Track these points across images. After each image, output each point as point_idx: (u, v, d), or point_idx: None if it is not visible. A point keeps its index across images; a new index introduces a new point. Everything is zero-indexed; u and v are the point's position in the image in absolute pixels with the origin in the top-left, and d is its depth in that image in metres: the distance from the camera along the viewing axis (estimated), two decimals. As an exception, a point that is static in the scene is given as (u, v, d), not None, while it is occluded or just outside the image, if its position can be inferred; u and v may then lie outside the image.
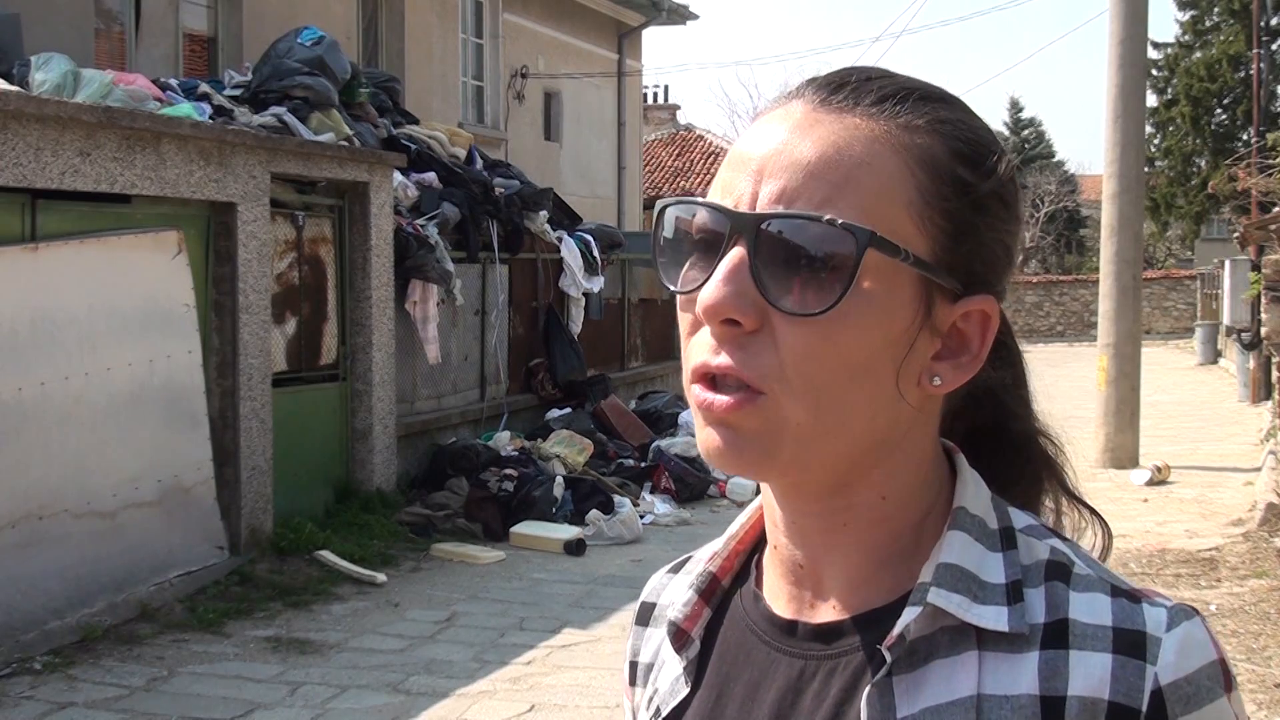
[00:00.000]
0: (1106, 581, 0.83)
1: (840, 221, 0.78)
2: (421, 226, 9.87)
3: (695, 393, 0.82)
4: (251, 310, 7.86)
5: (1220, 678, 0.79)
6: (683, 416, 12.21)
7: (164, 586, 7.02)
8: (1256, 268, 15.21)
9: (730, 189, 0.83)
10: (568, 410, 11.66)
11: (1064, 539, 0.88)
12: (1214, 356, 25.54)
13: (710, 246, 0.82)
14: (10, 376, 6.22)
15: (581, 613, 7.26)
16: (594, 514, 9.29)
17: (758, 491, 0.94)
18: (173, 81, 8.87)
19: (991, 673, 0.80)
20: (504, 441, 10.32)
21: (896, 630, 0.81)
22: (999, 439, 0.95)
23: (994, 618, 0.81)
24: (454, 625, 7.02)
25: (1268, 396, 15.25)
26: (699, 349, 0.83)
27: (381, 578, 7.80)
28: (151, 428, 7.10)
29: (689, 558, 1.04)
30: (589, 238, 12.82)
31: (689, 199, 0.85)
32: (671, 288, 0.85)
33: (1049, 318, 36.70)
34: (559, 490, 9.51)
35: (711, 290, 0.80)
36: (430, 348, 10.14)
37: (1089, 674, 0.78)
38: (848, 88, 0.85)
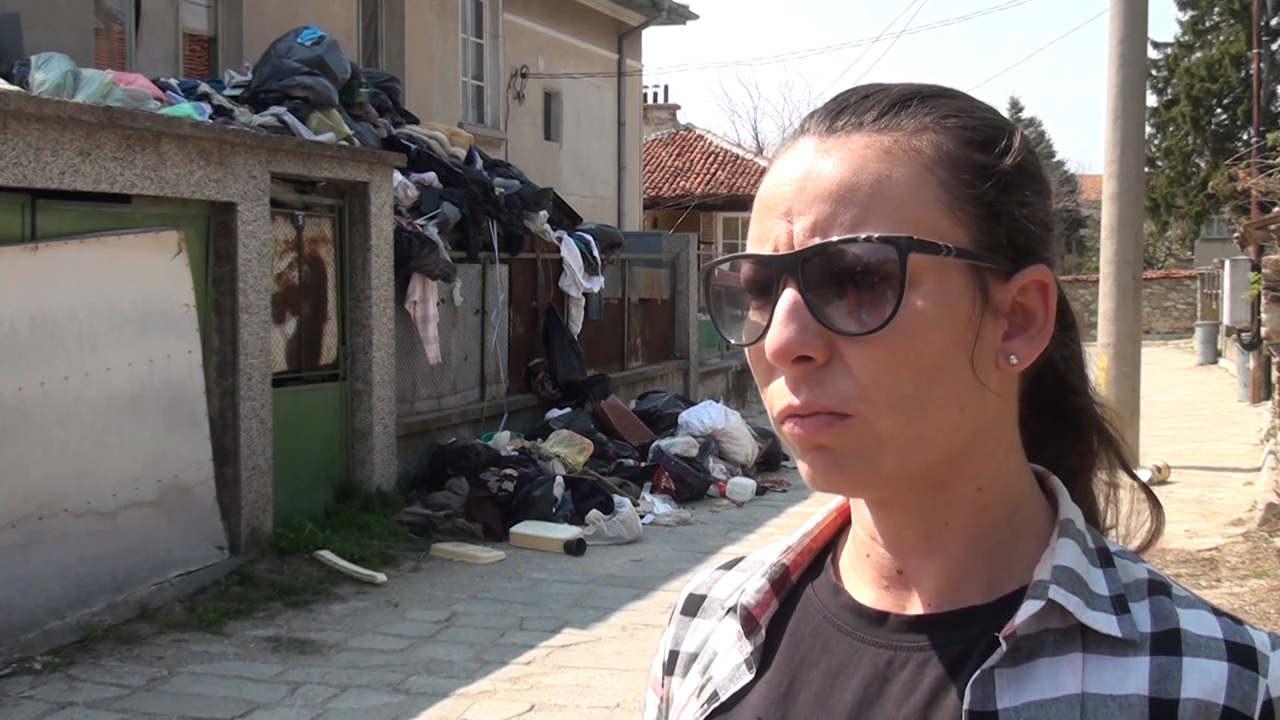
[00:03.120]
0: (1206, 602, 0.86)
1: (877, 236, 0.81)
2: (421, 226, 9.87)
3: (787, 428, 0.85)
4: (251, 310, 7.86)
5: None
6: (683, 416, 12.20)
7: (164, 586, 7.02)
8: (1256, 268, 15.22)
9: (765, 236, 0.86)
10: (568, 410, 11.66)
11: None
12: (1214, 356, 25.54)
13: (763, 293, 0.85)
14: (10, 376, 6.22)
15: (581, 613, 7.26)
16: (594, 514, 9.29)
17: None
18: (173, 81, 8.88)
19: (1096, 673, 0.82)
20: (504, 441, 10.32)
21: (1019, 619, 0.83)
22: (1057, 411, 0.96)
23: (1106, 623, 0.83)
24: (454, 625, 7.02)
25: (1268, 396, 15.26)
26: (779, 393, 0.85)
27: (381, 578, 7.80)
28: (151, 428, 7.10)
29: (742, 558, 1.05)
30: (589, 238, 12.82)
31: (731, 256, 0.88)
32: (735, 341, 0.89)
33: (1049, 318, 36.65)
34: (559, 490, 9.51)
35: (776, 334, 0.82)
36: (430, 348, 10.14)
37: (1205, 679, 0.80)
38: (848, 111, 0.87)
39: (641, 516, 9.62)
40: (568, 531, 8.89)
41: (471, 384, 10.97)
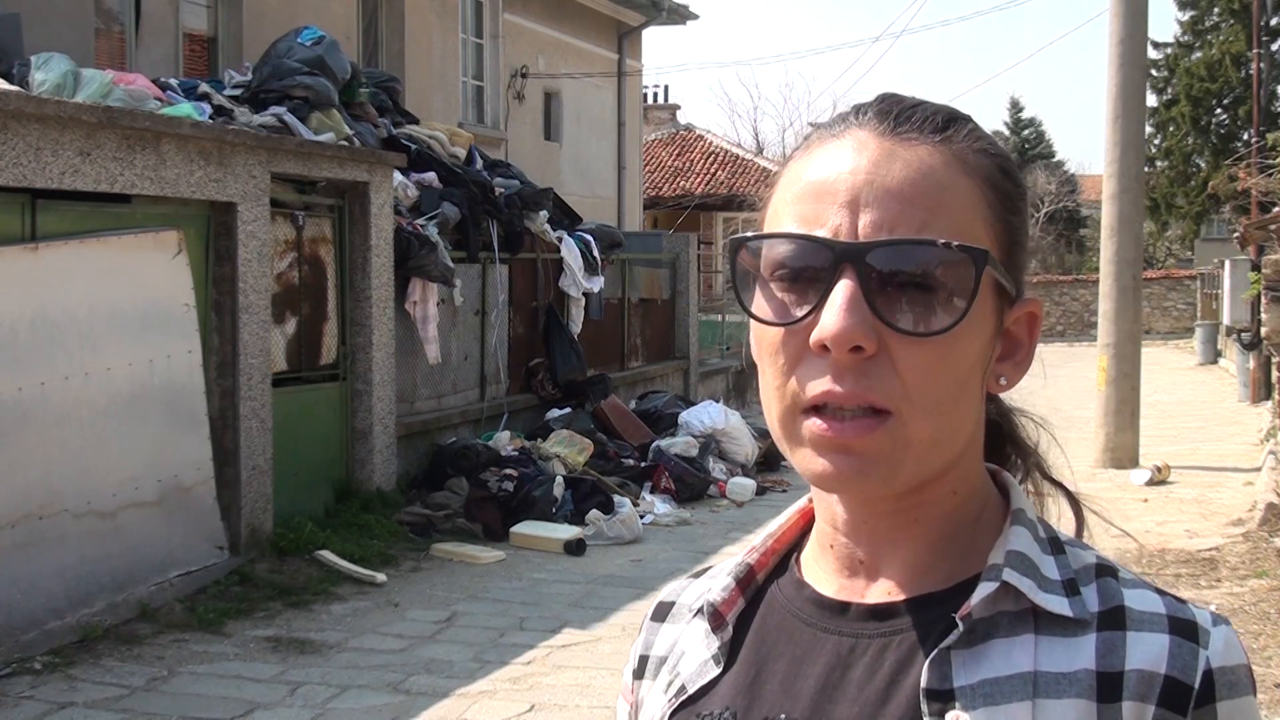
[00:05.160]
0: (1151, 583, 0.90)
1: (956, 244, 0.83)
2: (421, 226, 9.87)
3: (812, 424, 0.85)
4: (251, 310, 7.86)
5: (1251, 679, 0.86)
6: (682, 416, 12.19)
7: (164, 586, 7.02)
8: (1256, 268, 15.21)
9: (819, 220, 0.86)
10: (568, 410, 11.66)
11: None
12: (1214, 356, 25.53)
13: (807, 277, 0.85)
14: (10, 376, 6.22)
15: (581, 613, 7.26)
16: (594, 514, 9.29)
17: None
18: (173, 81, 8.87)
19: (1048, 653, 0.85)
20: (504, 441, 10.32)
21: (974, 600, 0.86)
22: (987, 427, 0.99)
23: (1057, 604, 0.86)
24: (454, 625, 7.02)
25: (1268, 396, 15.26)
26: (813, 379, 0.84)
27: (381, 578, 7.80)
28: (151, 428, 7.10)
29: (710, 567, 1.07)
30: (589, 238, 12.82)
31: (778, 234, 0.87)
32: (769, 321, 0.87)
33: (1049, 318, 36.66)
34: (559, 490, 9.51)
35: (836, 319, 0.82)
36: (430, 348, 10.14)
37: (1147, 651, 0.84)
38: (907, 117, 0.89)
39: (641, 516, 9.62)
40: (568, 531, 8.89)
41: (471, 384, 10.97)
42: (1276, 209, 13.08)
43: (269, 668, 6.18)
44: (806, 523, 1.00)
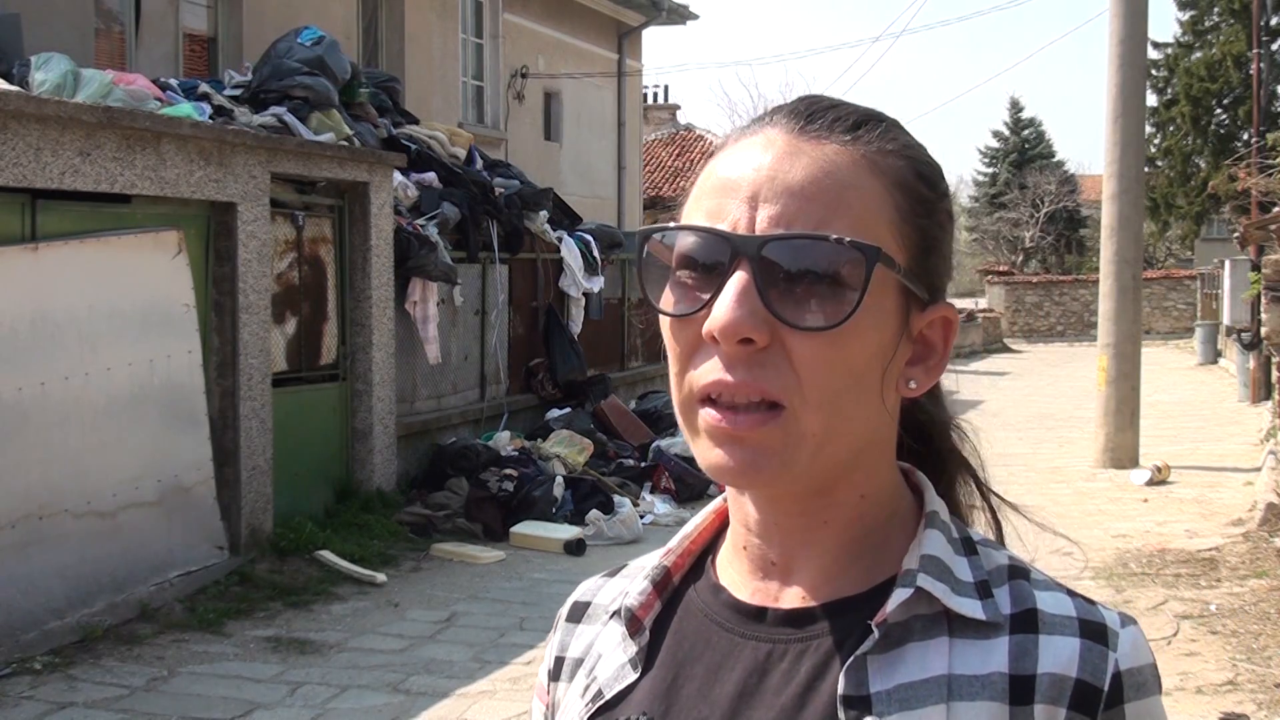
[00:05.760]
0: (1063, 585, 0.91)
1: (849, 240, 0.84)
2: (421, 226, 9.87)
3: (706, 414, 0.86)
4: (251, 310, 7.85)
5: (1157, 678, 0.88)
6: (683, 416, 12.19)
7: (164, 586, 7.02)
8: (1256, 268, 15.21)
9: (721, 214, 0.87)
10: (568, 410, 11.66)
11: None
12: (1214, 356, 25.53)
13: (705, 269, 0.86)
14: (10, 376, 6.22)
15: (581, 613, 7.25)
16: (594, 514, 9.29)
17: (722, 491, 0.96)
18: (173, 81, 8.87)
19: (962, 655, 0.86)
20: (504, 441, 10.32)
21: (889, 607, 0.86)
22: (912, 433, 1.00)
23: (970, 607, 0.87)
24: (454, 625, 7.02)
25: (1268, 396, 15.25)
26: (706, 369, 0.86)
27: (381, 578, 7.80)
28: (151, 428, 7.10)
29: (625, 565, 1.07)
30: (589, 238, 12.82)
31: (680, 225, 0.89)
32: (667, 312, 0.88)
33: (1049, 318, 36.70)
34: (559, 490, 9.51)
35: (726, 310, 0.83)
36: (430, 348, 10.14)
37: (1058, 654, 0.85)
38: (819, 117, 0.90)
39: (641, 516, 9.61)
40: (568, 531, 8.89)
41: (471, 384, 10.97)
42: (1276, 209, 13.08)
43: (269, 668, 6.18)
44: (721, 523, 1.01)
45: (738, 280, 0.84)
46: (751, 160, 0.88)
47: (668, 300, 0.89)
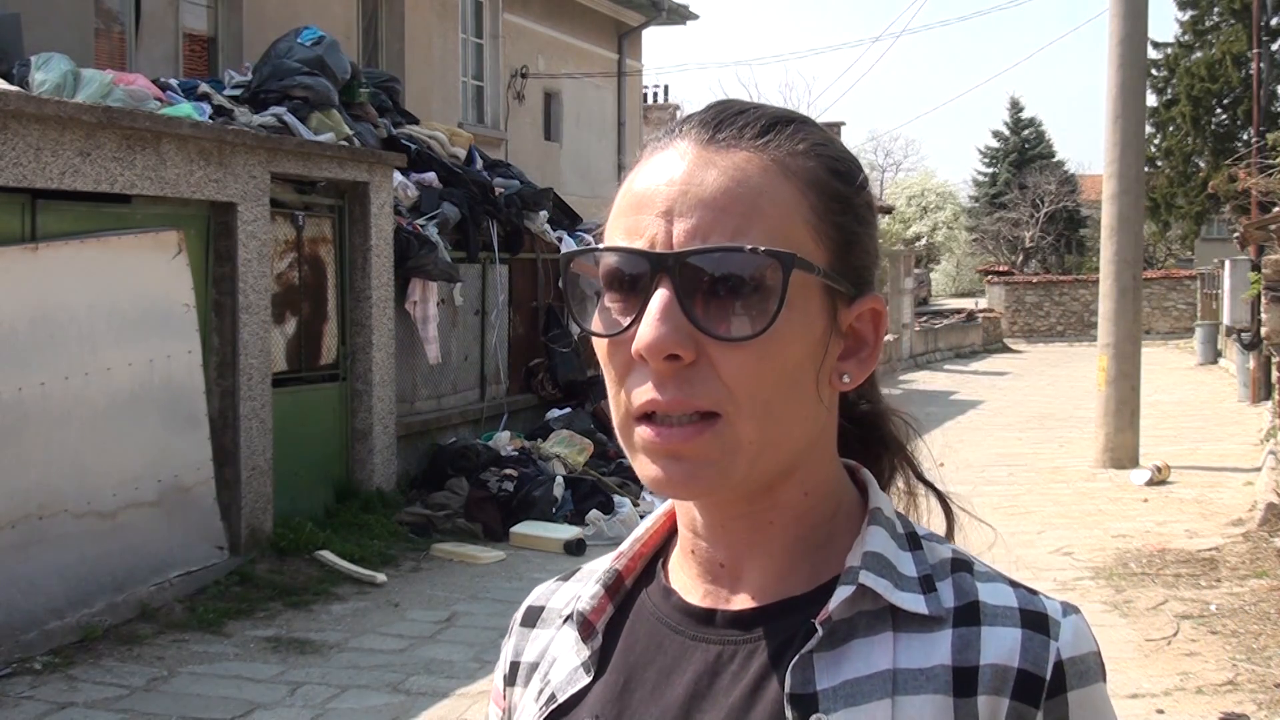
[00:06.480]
0: (1005, 576, 0.92)
1: (763, 249, 0.84)
2: (421, 226, 9.87)
3: (641, 431, 0.87)
4: (251, 310, 7.85)
5: (1100, 666, 0.89)
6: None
7: (164, 586, 7.02)
8: (1256, 268, 15.21)
9: (638, 231, 0.87)
10: (568, 410, 11.66)
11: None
12: (1214, 356, 25.52)
13: (628, 288, 0.87)
14: (10, 376, 6.22)
15: (581, 613, 7.25)
16: (594, 514, 9.29)
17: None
18: (173, 81, 8.87)
19: (906, 650, 0.87)
20: (504, 441, 10.32)
21: (833, 604, 0.87)
22: (850, 422, 1.00)
23: (913, 602, 0.88)
24: (454, 625, 7.02)
25: (1268, 396, 15.25)
26: (639, 389, 0.86)
27: (381, 578, 7.80)
28: (151, 428, 7.10)
29: (578, 569, 1.08)
30: (589, 238, 12.82)
31: (598, 247, 0.90)
32: (596, 333, 0.89)
33: (1049, 318, 36.69)
34: (559, 490, 9.51)
35: (649, 329, 0.84)
36: (430, 348, 10.14)
37: (1000, 646, 0.86)
38: (727, 124, 0.90)
39: (642, 516, 9.59)
40: (568, 531, 8.89)
41: (471, 384, 10.97)
42: (1276, 209, 13.08)
43: (269, 668, 6.18)
44: (672, 526, 1.01)
45: (659, 298, 0.84)
46: (664, 174, 0.88)
47: (597, 322, 0.89)
